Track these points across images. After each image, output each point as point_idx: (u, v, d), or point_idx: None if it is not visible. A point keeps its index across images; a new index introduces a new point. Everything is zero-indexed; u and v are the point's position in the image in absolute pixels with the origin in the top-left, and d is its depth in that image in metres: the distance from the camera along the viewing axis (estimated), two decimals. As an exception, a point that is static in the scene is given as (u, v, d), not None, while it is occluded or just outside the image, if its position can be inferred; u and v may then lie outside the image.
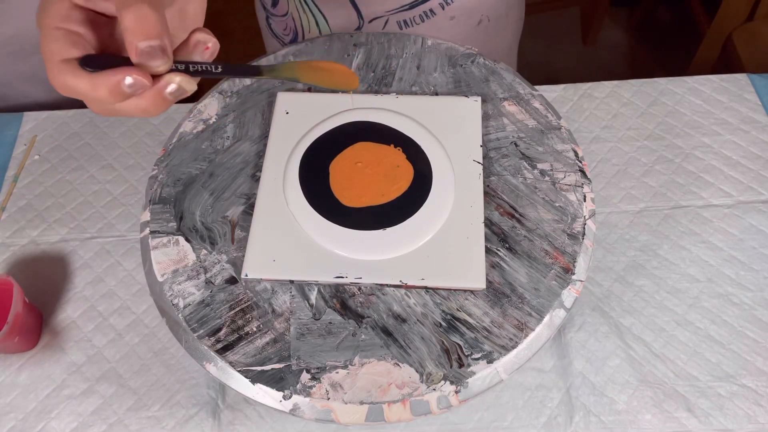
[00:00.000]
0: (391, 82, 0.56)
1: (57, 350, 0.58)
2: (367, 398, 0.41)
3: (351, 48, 0.57)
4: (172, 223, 0.48)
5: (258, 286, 0.45)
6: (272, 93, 0.55)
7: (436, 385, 0.41)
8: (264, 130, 0.53)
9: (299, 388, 0.41)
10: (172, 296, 0.45)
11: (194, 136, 0.53)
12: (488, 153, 0.51)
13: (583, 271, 0.46)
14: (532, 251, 0.46)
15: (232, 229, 0.48)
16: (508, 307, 0.44)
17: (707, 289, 0.60)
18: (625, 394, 0.55)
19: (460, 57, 0.57)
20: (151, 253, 0.47)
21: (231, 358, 0.42)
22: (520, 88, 0.55)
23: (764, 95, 0.71)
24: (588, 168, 0.51)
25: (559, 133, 0.52)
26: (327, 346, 0.43)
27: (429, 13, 0.70)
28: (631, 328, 0.58)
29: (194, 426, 0.54)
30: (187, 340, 0.44)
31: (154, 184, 0.50)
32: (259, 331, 0.44)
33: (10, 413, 0.55)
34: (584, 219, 0.48)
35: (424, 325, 0.44)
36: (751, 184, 0.66)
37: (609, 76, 0.78)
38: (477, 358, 0.42)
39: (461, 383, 0.42)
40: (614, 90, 0.73)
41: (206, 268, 0.46)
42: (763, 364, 0.56)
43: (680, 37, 1.74)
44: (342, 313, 0.44)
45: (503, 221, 0.48)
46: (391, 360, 0.42)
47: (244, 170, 0.51)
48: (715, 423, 0.54)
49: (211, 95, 0.55)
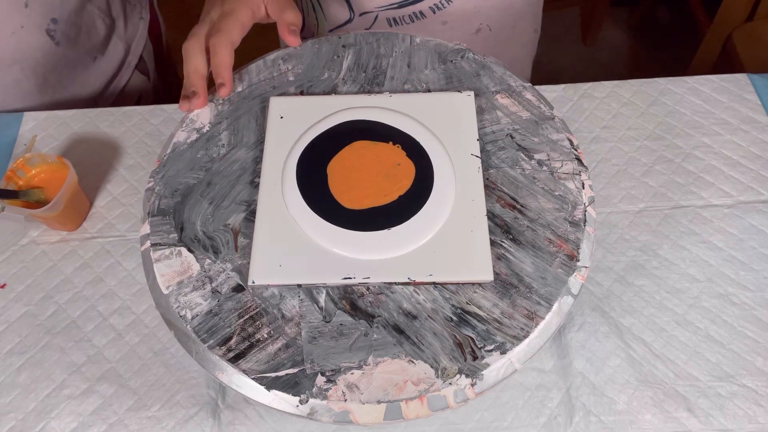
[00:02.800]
0: (383, 81, 0.56)
1: (57, 350, 0.58)
2: (384, 397, 0.41)
3: (340, 49, 0.57)
4: (173, 235, 0.48)
5: (266, 293, 0.45)
6: (264, 98, 0.54)
7: (451, 380, 0.41)
8: (259, 135, 0.53)
9: (315, 391, 0.41)
10: (179, 308, 0.44)
11: (189, 146, 0.52)
12: (485, 146, 0.52)
13: (587, 257, 0.46)
14: (536, 241, 0.47)
15: (235, 236, 0.48)
16: (516, 298, 0.44)
17: (707, 289, 0.60)
18: (625, 394, 0.55)
19: (449, 53, 0.57)
20: (153, 265, 0.46)
21: (244, 366, 0.42)
22: (511, 80, 0.55)
23: (764, 95, 0.71)
24: (584, 155, 0.51)
25: (553, 123, 0.52)
26: (340, 348, 0.43)
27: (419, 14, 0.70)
28: (631, 328, 0.58)
29: (194, 426, 0.54)
30: (198, 351, 0.43)
31: (152, 196, 0.49)
32: (270, 337, 0.43)
33: (10, 413, 0.55)
34: (584, 206, 0.48)
35: (435, 320, 0.44)
36: (751, 184, 0.66)
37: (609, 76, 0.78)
38: (490, 350, 0.42)
39: (476, 376, 0.42)
40: (614, 90, 0.73)
41: (211, 278, 0.46)
42: (763, 364, 0.56)
43: (680, 37, 1.75)
44: (352, 314, 0.44)
45: (505, 213, 0.48)
46: (405, 357, 0.42)
47: (242, 177, 0.51)
48: (715, 423, 0.54)
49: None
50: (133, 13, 0.87)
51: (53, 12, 0.74)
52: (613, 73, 1.71)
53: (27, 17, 0.72)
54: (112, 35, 0.83)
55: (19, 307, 0.61)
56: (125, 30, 0.85)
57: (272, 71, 0.56)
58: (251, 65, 0.57)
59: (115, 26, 0.83)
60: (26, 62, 0.75)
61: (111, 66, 0.85)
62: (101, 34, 0.82)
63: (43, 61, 0.76)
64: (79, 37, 0.79)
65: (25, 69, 0.75)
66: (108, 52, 0.84)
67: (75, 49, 0.79)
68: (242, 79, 0.56)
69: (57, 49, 0.76)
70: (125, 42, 0.86)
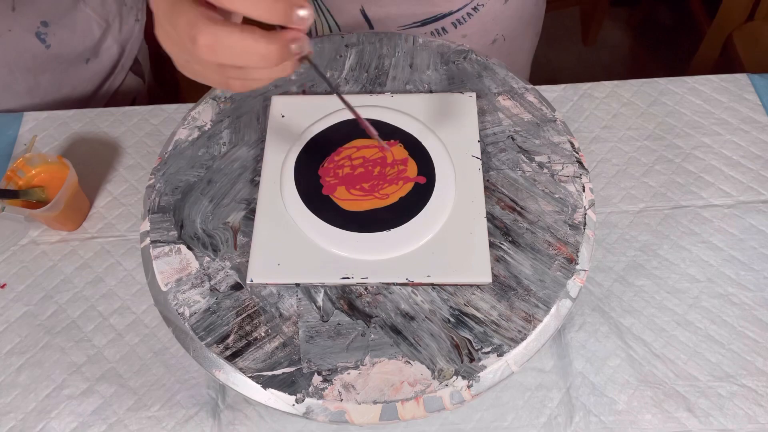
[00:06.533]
0: (384, 81, 0.56)
1: (57, 350, 0.58)
2: (380, 397, 0.41)
3: (343, 49, 0.57)
4: (172, 232, 0.48)
5: (264, 291, 0.45)
6: (267, 97, 0.55)
7: (448, 381, 0.41)
8: (260, 134, 0.53)
9: (311, 390, 0.41)
10: (177, 305, 0.45)
11: (190, 144, 0.52)
12: (486, 148, 0.52)
13: (586, 260, 0.46)
14: (535, 243, 0.47)
15: (234, 235, 0.48)
16: (514, 300, 0.44)
17: (707, 289, 0.60)
18: (625, 394, 0.55)
19: (452, 54, 0.57)
20: (153, 262, 0.46)
21: (241, 364, 0.42)
22: (513, 82, 0.55)
23: (764, 95, 0.71)
24: (585, 158, 0.51)
25: (554, 125, 0.53)
26: (337, 348, 0.43)
27: (441, 30, 0.70)
28: (631, 328, 0.58)
29: (194, 426, 0.54)
30: (195, 349, 0.44)
31: (152, 194, 0.50)
32: (267, 336, 0.44)
33: (10, 413, 0.55)
34: (584, 209, 0.48)
35: (432, 321, 0.44)
36: (751, 184, 0.66)
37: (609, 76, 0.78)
38: (487, 352, 0.42)
39: (473, 377, 0.42)
40: (614, 90, 0.73)
41: (210, 276, 0.46)
42: (763, 364, 0.56)
43: (680, 37, 1.75)
44: (350, 314, 0.44)
45: (505, 215, 0.48)
46: (401, 358, 0.42)
47: (243, 175, 0.51)
48: (715, 423, 0.54)
49: (205, 101, 0.55)
50: (129, 15, 0.87)
51: (43, 15, 0.74)
52: (613, 73, 1.70)
53: (14, 21, 0.72)
54: (107, 37, 0.83)
55: (19, 307, 0.61)
56: (120, 31, 0.85)
57: None
58: None
59: (109, 28, 0.83)
60: (15, 65, 0.75)
61: (104, 67, 0.85)
62: (95, 36, 0.81)
63: (33, 63, 0.76)
64: (71, 39, 0.79)
65: (14, 71, 0.75)
66: (101, 54, 0.83)
67: (67, 52, 0.79)
68: None
69: (48, 51, 0.76)
70: (119, 44, 0.85)
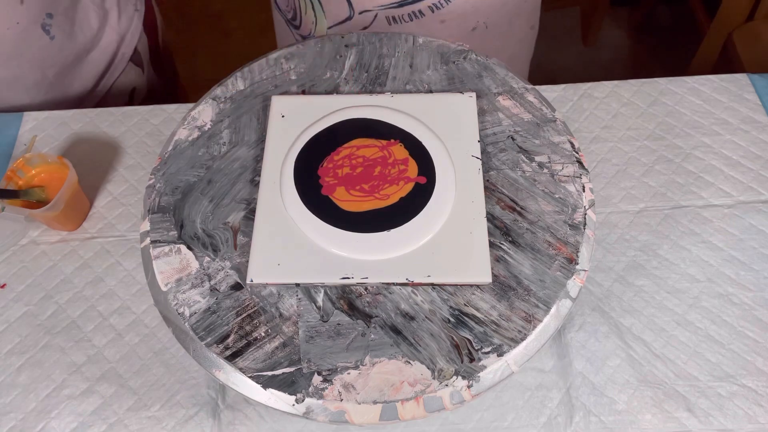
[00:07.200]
0: (384, 81, 0.56)
1: (57, 350, 0.58)
2: (380, 397, 0.41)
3: (343, 49, 0.57)
4: (172, 232, 0.48)
5: (264, 291, 0.45)
6: (266, 97, 0.54)
7: (448, 381, 0.41)
8: (260, 134, 0.53)
9: (311, 390, 0.41)
10: (177, 305, 0.45)
11: (190, 144, 0.52)
12: (486, 148, 0.52)
13: (586, 260, 0.46)
14: (535, 243, 0.47)
15: (234, 235, 0.48)
16: (514, 300, 0.44)
17: (707, 289, 0.60)
18: (625, 394, 0.55)
19: (452, 54, 0.57)
20: (153, 262, 0.46)
21: (241, 364, 0.42)
22: (513, 82, 0.55)
23: (764, 95, 0.72)
24: (585, 158, 0.51)
25: (554, 125, 0.53)
26: (337, 348, 0.43)
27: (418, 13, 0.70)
28: (631, 328, 0.58)
29: (194, 426, 0.54)
30: (195, 349, 0.44)
31: (152, 194, 0.50)
32: (267, 336, 0.43)
33: (10, 413, 0.55)
34: (584, 209, 0.48)
35: (432, 321, 0.44)
36: (751, 184, 0.66)
37: (609, 76, 0.78)
38: (487, 352, 0.42)
39: (473, 377, 0.42)
40: (614, 90, 0.73)
41: (210, 276, 0.46)
42: (763, 364, 0.56)
43: (680, 37, 1.74)
44: (350, 314, 0.44)
45: (505, 215, 0.48)
46: (401, 358, 0.42)
47: (243, 175, 0.51)
48: (715, 423, 0.54)
49: (205, 101, 0.55)
50: (127, 5, 0.87)
51: (48, 7, 0.75)
52: (613, 73, 1.70)
53: (22, 13, 0.72)
54: (105, 27, 0.84)
55: (19, 307, 0.61)
56: (118, 21, 0.86)
57: (274, 70, 0.56)
58: (254, 64, 0.57)
59: (108, 18, 0.84)
60: (23, 57, 0.75)
61: (104, 57, 0.85)
62: (94, 26, 0.82)
63: (39, 56, 0.77)
64: (73, 30, 0.79)
65: (22, 65, 0.76)
66: (101, 44, 0.84)
67: (70, 43, 0.79)
68: (244, 78, 0.56)
69: (52, 43, 0.77)
70: (118, 34, 0.86)
